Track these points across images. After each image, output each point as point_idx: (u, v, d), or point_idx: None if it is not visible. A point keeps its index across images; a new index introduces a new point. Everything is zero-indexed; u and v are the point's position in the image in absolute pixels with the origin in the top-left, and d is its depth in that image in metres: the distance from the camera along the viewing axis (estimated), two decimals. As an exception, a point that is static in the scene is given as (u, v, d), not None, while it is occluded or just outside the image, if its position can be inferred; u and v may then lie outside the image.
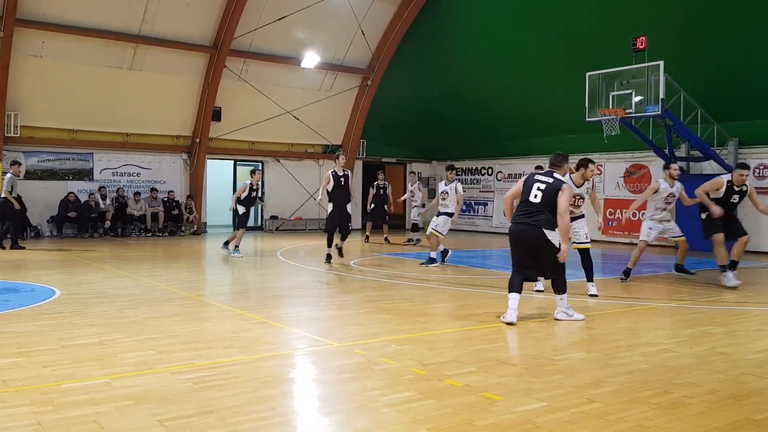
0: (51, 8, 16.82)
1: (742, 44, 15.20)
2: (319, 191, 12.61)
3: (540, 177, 7.09)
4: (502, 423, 3.86)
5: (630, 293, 9.38)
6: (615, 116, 14.71)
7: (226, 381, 4.60)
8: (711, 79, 15.89)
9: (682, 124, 14.91)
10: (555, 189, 6.91)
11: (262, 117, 21.02)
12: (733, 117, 16.01)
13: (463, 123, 23.02)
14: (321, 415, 4.11)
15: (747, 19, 14.96)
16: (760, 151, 15.97)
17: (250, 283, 10.62)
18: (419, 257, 13.36)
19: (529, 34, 19.17)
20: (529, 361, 5.38)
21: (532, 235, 6.89)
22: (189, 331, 6.34)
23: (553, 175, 7.09)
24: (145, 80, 18.92)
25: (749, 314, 7.83)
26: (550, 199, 6.90)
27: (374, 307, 7.86)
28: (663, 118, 14.58)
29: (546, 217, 6.90)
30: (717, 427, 3.85)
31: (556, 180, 7.00)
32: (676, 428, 3.83)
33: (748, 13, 14.86)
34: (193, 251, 15.22)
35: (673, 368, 5.23)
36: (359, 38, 21.42)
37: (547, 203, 6.91)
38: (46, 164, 18.34)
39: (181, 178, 20.51)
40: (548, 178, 7.04)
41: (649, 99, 14.30)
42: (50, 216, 18.14)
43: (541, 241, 6.87)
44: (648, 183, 18.19)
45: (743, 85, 15.59)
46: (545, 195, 6.93)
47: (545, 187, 6.96)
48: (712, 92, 15.73)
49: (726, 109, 15.86)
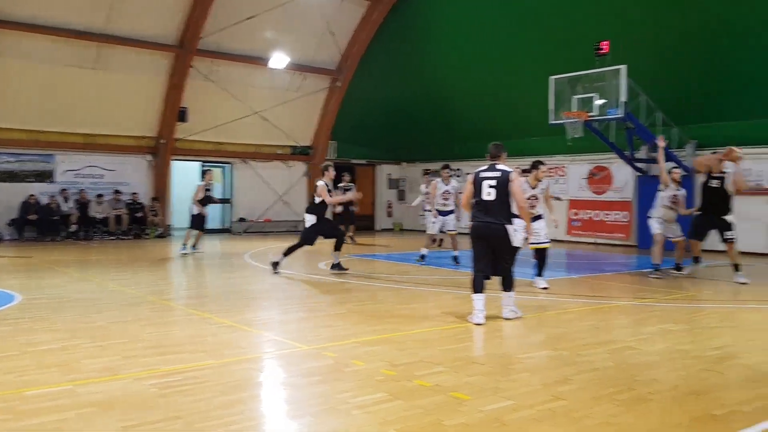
0: (11, 5, 16.47)
1: (701, 50, 15.60)
2: (335, 199, 12.04)
3: (486, 174, 7.16)
4: (471, 422, 3.90)
5: (594, 292, 9.54)
6: (578, 119, 14.97)
7: (193, 386, 4.57)
8: (671, 83, 16.25)
9: (643, 127, 15.22)
10: (505, 181, 7.02)
11: (229, 118, 20.85)
12: (692, 120, 16.40)
13: (433, 124, 23.14)
14: (290, 418, 4.11)
15: (707, 26, 15.36)
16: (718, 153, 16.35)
17: (217, 286, 10.52)
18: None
19: (496, 37, 19.37)
20: (496, 360, 5.44)
21: (496, 233, 7.00)
22: (155, 335, 6.26)
23: (497, 167, 7.17)
24: (109, 80, 18.62)
25: (708, 312, 8.03)
26: (503, 193, 7.01)
27: (344, 308, 7.86)
28: (625, 120, 14.87)
29: (505, 212, 7.02)
30: (678, 423, 3.95)
31: (503, 172, 7.09)
32: (640, 424, 3.91)
33: (708, 20, 15.26)
34: (159, 254, 15.03)
35: (636, 365, 5.35)
36: (328, 39, 21.39)
37: (502, 197, 7.01)
38: (6, 166, 17.93)
39: (146, 179, 20.22)
40: (494, 172, 7.12)
41: (611, 102, 14.60)
42: (10, 219, 17.72)
43: (503, 238, 7.00)
44: (610, 184, 18.57)
45: (701, 89, 15.99)
46: (498, 189, 7.02)
47: (495, 183, 7.05)
48: (672, 96, 16.09)
49: (685, 112, 16.24)
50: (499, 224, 6.98)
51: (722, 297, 9.33)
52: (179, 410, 4.04)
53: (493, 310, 7.48)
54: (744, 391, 4.61)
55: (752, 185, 15.70)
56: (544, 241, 9.44)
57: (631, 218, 17.97)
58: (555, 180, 19.93)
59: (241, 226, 21.67)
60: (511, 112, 20.10)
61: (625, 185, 18.15)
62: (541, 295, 8.90)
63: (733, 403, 4.32)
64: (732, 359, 5.54)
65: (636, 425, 3.90)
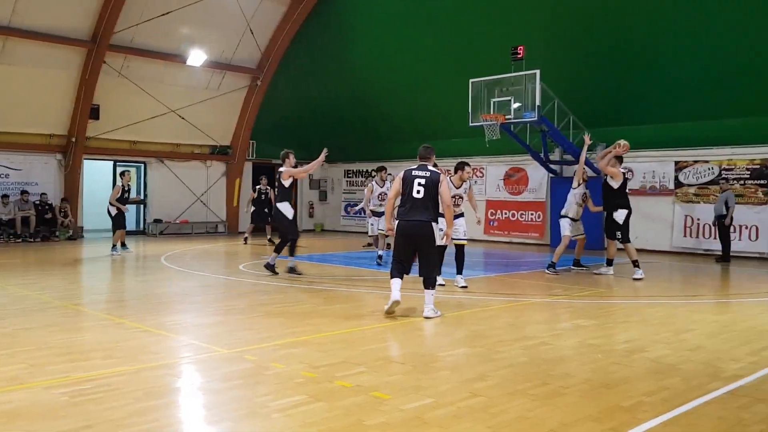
0: None
1: (611, 56, 16.34)
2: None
3: (417, 172, 7.34)
4: (392, 421, 3.94)
5: (510, 290, 9.82)
6: (496, 121, 15.37)
7: (105, 393, 4.41)
8: (582, 87, 16.95)
9: (556, 130, 15.79)
10: (435, 181, 7.24)
11: (144, 116, 20.19)
12: (602, 123, 17.15)
13: (355, 125, 23.19)
14: (208, 424, 4.03)
15: (616, 33, 16.09)
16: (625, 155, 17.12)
17: (131, 290, 10.17)
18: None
19: (417, 40, 19.62)
20: (417, 358, 5.52)
21: (422, 231, 7.18)
22: (65, 342, 6.00)
23: (428, 168, 7.40)
24: (15, 75, 17.65)
25: (617, 307, 8.42)
26: (431, 192, 7.21)
27: (263, 311, 7.77)
28: (539, 123, 15.38)
29: (432, 211, 7.24)
30: (590, 415, 4.12)
31: (433, 172, 7.33)
32: (554, 417, 4.06)
33: (618, 27, 16.00)
34: (69, 257, 14.39)
35: (550, 360, 5.55)
36: (248, 37, 21.07)
37: (430, 196, 7.22)
38: None
39: (56, 179, 19.32)
40: (425, 171, 7.33)
41: (526, 105, 15.09)
42: None
43: (429, 236, 7.19)
44: (526, 185, 19.17)
45: (611, 93, 16.77)
46: (426, 188, 7.22)
47: (425, 182, 7.24)
48: (583, 100, 16.79)
49: (595, 115, 16.98)
50: (425, 222, 7.18)
51: (630, 293, 9.79)
52: (90, 419, 3.89)
53: (417, 309, 7.58)
54: (649, 383, 4.86)
55: (657, 187, 16.61)
56: (462, 238, 9.76)
57: (544, 218, 18.61)
58: (474, 180, 20.40)
59: (157, 227, 21.03)
60: (433, 113, 20.41)
61: (540, 186, 18.79)
62: (459, 294, 9.09)
63: (640, 395, 4.55)
64: (639, 353, 5.83)
65: (550, 418, 4.05)
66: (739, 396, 4.57)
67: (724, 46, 14.63)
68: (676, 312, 8.01)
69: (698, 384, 4.84)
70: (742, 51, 14.44)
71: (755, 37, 14.10)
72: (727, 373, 5.14)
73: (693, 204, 15.98)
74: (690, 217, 16.00)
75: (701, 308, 8.52)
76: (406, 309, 7.61)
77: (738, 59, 14.58)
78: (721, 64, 14.84)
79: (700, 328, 7.01)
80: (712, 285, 11.22)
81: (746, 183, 15.14)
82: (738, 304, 9.15)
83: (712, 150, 15.79)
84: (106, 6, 17.89)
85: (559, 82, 16.03)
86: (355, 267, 12.66)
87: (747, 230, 14.96)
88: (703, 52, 14.92)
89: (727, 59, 14.73)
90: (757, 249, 14.85)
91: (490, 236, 19.68)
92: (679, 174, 16.27)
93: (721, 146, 15.62)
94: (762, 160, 14.94)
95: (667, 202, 16.43)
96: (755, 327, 7.11)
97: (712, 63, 14.93)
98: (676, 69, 15.50)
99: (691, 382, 4.88)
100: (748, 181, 15.12)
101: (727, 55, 14.68)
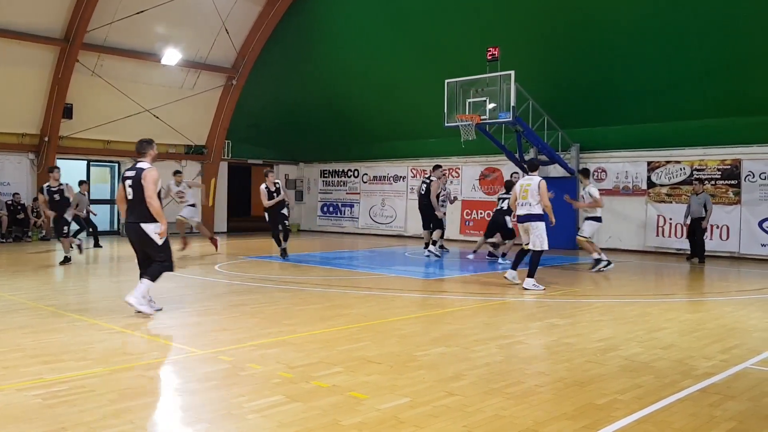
0: None
1: (585, 58, 16.52)
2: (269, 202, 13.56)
3: (127, 173, 7.37)
4: (368, 421, 3.95)
5: (486, 289, 9.87)
6: (471, 122, 15.44)
7: (79, 395, 4.36)
8: (557, 88, 17.11)
9: (531, 130, 15.93)
10: (138, 179, 7.21)
11: (118, 115, 19.93)
12: (576, 124, 17.38)
13: (331, 125, 23.16)
14: (184, 425, 4.00)
15: (589, 35, 16.27)
16: (598, 155, 17.44)
17: (105, 290, 10.06)
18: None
19: (392, 40, 19.66)
20: (393, 358, 5.54)
21: (135, 233, 7.27)
22: (38, 343, 5.91)
23: (137, 166, 7.37)
24: (-15, 73, 17.37)
25: (590, 306, 8.52)
26: (139, 191, 7.18)
27: (239, 311, 7.74)
28: (514, 124, 15.49)
29: (140, 209, 7.20)
30: (564, 413, 4.17)
31: (138, 170, 7.27)
32: (529, 416, 4.11)
33: (591, 29, 16.18)
34: (42, 258, 14.17)
35: (525, 359, 5.60)
36: (223, 36, 20.91)
37: (138, 196, 7.19)
38: None
39: (28, 179, 19.01)
40: (132, 171, 7.32)
41: (501, 106, 15.17)
42: None
43: (142, 237, 7.25)
44: (501, 185, 19.31)
45: (585, 94, 16.95)
46: (134, 188, 7.21)
47: (131, 182, 7.25)
48: (558, 101, 16.96)
49: (569, 116, 17.18)
50: (136, 223, 7.22)
51: (604, 292, 9.91)
52: (64, 422, 3.85)
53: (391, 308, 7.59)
54: (623, 381, 4.93)
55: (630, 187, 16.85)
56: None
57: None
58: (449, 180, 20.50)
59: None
60: (408, 113, 20.47)
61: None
62: (436, 293, 9.12)
63: (614, 392, 4.62)
64: (613, 351, 5.91)
65: (524, 417, 4.09)
66: (711, 393, 4.66)
67: (695, 48, 14.88)
68: (650, 310, 8.13)
69: (671, 382, 4.92)
70: (713, 52, 14.69)
71: (726, 38, 14.34)
72: (699, 371, 5.23)
73: (665, 204, 16.22)
74: (662, 217, 16.24)
75: (674, 307, 8.66)
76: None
77: (709, 60, 14.83)
78: (692, 65, 15.10)
79: (672, 326, 7.13)
80: (684, 284, 11.41)
81: (717, 183, 15.41)
82: (710, 302, 9.31)
83: (683, 150, 16.06)
84: (80, 4, 17.63)
85: (534, 83, 16.16)
86: (331, 267, 12.65)
87: (718, 230, 15.23)
88: (674, 54, 15.15)
89: (698, 61, 14.99)
90: (727, 248, 15.14)
91: (466, 236, 19.78)
92: (652, 174, 16.51)
93: (693, 147, 15.90)
94: (732, 161, 15.22)
95: (639, 202, 16.67)
96: (726, 325, 7.24)
97: (683, 64, 15.18)
98: (648, 70, 15.72)
99: (664, 380, 4.96)
100: (719, 181, 15.39)
101: (698, 56, 14.94)
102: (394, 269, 12.49)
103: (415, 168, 21.55)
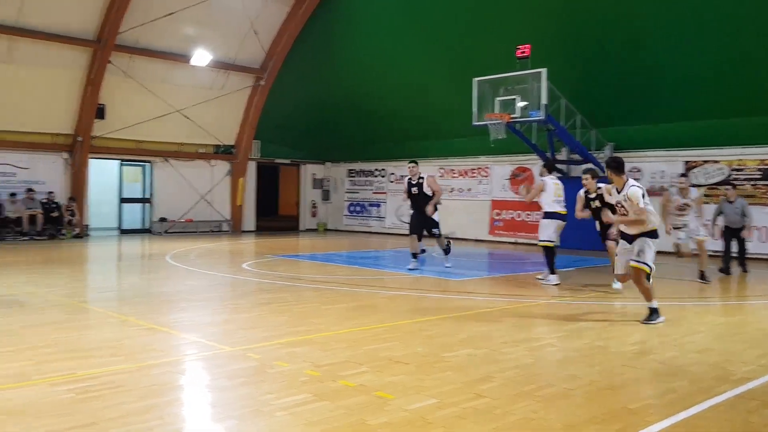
0: None
1: (619, 55, 16.25)
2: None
3: None
4: (395, 421, 3.91)
5: (516, 290, 9.75)
6: (501, 121, 15.28)
7: (110, 391, 4.40)
8: (590, 86, 16.86)
9: (563, 129, 15.72)
10: None
11: (149, 115, 20.22)
12: (610, 123, 17.08)
13: (357, 125, 23.18)
14: (213, 421, 4.01)
15: (623, 32, 16.01)
16: (634, 154, 17.11)
17: (137, 288, 10.17)
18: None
19: (418, 39, 19.60)
20: (420, 359, 5.48)
21: None
22: (70, 339, 6.00)
23: None
24: (20, 74, 17.70)
25: (623, 308, 8.36)
26: None
27: (268, 309, 7.76)
28: (545, 123, 15.30)
29: None
30: (595, 416, 4.08)
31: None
32: (559, 419, 4.02)
33: (624, 24, 15.91)
34: (75, 255, 14.41)
35: (556, 362, 5.51)
36: (252, 37, 21.08)
37: None
38: None
39: (62, 178, 19.35)
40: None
41: (532, 104, 15.00)
42: None
43: None
44: (531, 185, 19.08)
45: (619, 92, 16.67)
46: None
47: None
48: (591, 99, 16.70)
49: (603, 115, 16.90)
50: None
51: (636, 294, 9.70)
52: (95, 416, 3.88)
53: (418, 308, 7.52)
54: (657, 385, 4.82)
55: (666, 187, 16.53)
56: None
57: (551, 218, 18.49)
58: (478, 180, 20.37)
59: (162, 226, 21.05)
60: (435, 113, 20.38)
61: (546, 186, 18.68)
62: (463, 294, 9.03)
63: (647, 397, 4.52)
64: (646, 354, 5.78)
65: (555, 420, 4.01)
66: (748, 399, 4.52)
67: (735, 44, 14.50)
68: (685, 314, 7.95)
69: (706, 386, 4.79)
70: (754, 49, 14.29)
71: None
72: (736, 376, 5.09)
73: (703, 204, 15.85)
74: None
75: (710, 310, 8.47)
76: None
77: (750, 57, 14.43)
78: (731, 62, 14.71)
79: (708, 330, 6.96)
80: (721, 287, 11.13)
81: (757, 183, 15.05)
82: (748, 306, 9.08)
83: (722, 150, 15.68)
84: (112, 6, 17.92)
85: (567, 81, 15.94)
86: (358, 267, 12.63)
87: (758, 231, 14.83)
88: (713, 50, 14.79)
89: (738, 57, 14.59)
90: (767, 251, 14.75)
91: (495, 237, 19.62)
92: (689, 174, 16.17)
93: (732, 146, 15.52)
94: (773, 160, 14.84)
95: (675, 203, 16.33)
96: (765, 329, 7.05)
97: (722, 61, 14.80)
98: (685, 67, 15.37)
99: (699, 385, 4.83)
100: (759, 182, 15.03)
101: (738, 52, 14.55)
102: (421, 269, 12.41)
103: (443, 167, 21.41)
